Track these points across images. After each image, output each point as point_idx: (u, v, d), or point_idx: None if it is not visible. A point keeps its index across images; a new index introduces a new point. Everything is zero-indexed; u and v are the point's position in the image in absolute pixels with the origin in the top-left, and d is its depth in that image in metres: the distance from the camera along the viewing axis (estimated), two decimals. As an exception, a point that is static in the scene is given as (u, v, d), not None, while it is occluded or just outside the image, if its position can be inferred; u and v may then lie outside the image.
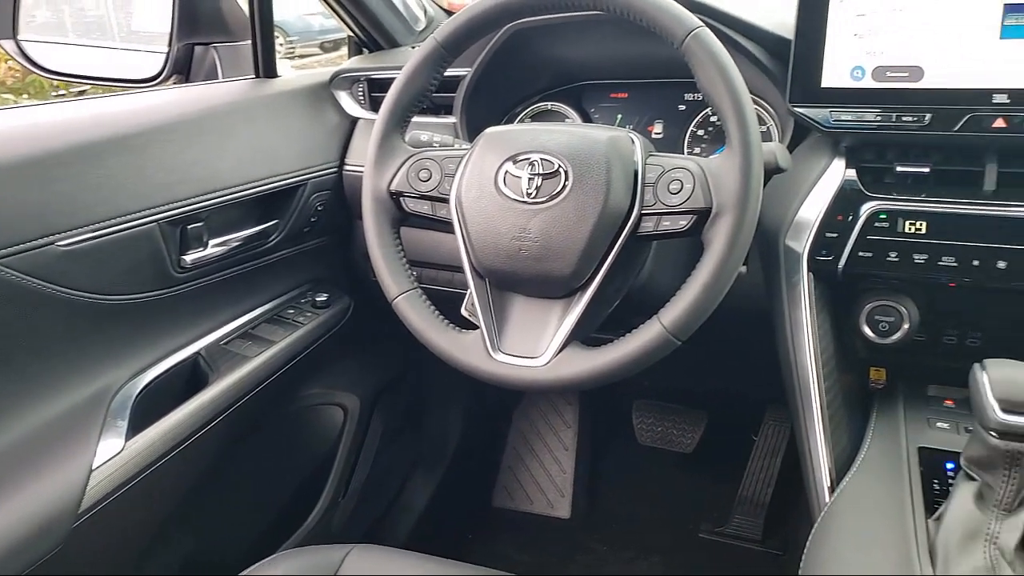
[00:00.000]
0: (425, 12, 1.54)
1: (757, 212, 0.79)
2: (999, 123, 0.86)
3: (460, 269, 0.91)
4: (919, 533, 0.74)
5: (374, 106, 1.36)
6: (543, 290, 0.87)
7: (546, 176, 0.84)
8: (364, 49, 1.51)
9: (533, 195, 0.84)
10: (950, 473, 0.82)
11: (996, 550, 0.69)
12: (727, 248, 0.78)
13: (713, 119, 1.21)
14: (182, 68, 1.40)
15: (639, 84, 1.29)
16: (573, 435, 1.88)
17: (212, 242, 1.14)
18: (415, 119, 0.98)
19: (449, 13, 1.55)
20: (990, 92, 0.87)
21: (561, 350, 0.84)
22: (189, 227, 1.09)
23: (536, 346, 0.85)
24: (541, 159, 0.85)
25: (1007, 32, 0.86)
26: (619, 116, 1.29)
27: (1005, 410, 0.69)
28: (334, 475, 1.44)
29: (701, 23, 0.81)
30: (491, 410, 1.90)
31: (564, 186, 0.83)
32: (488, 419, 1.91)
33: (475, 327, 0.89)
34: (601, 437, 1.94)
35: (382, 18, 1.42)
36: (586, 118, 1.31)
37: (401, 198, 0.94)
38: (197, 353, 1.14)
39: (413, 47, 1.47)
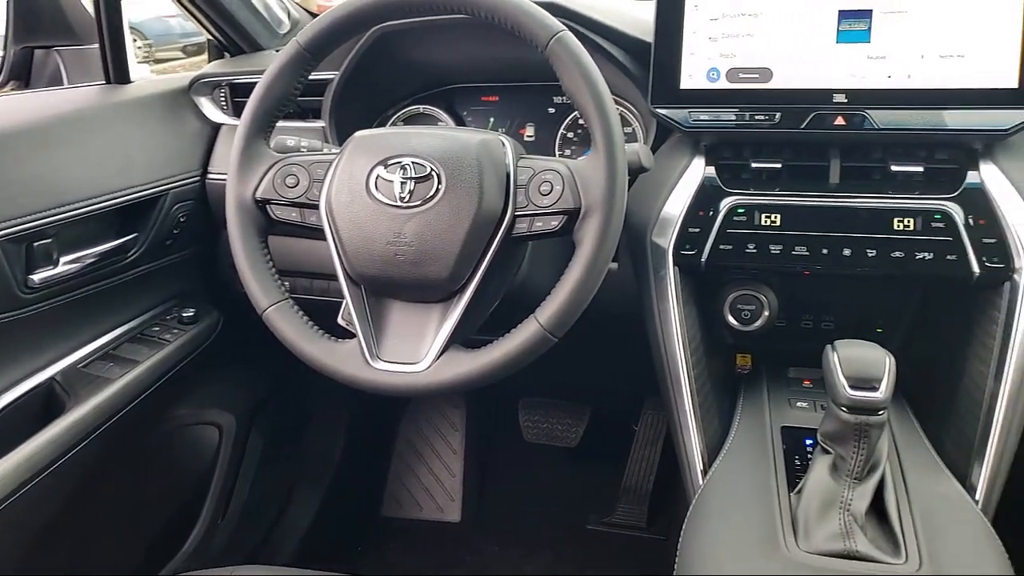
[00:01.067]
0: (289, 15, 1.50)
1: (623, 210, 0.81)
2: (840, 121, 0.93)
3: (335, 277, 0.89)
4: (783, 507, 0.78)
5: (237, 112, 1.31)
6: (421, 295, 0.87)
7: (419, 180, 0.84)
8: (225, 53, 1.45)
9: (406, 199, 0.83)
10: (809, 449, 0.87)
11: (850, 516, 0.74)
12: (596, 246, 0.80)
13: (581, 121, 1.24)
14: (20, 74, 1.30)
15: (510, 87, 1.31)
16: (461, 438, 1.88)
17: (64, 259, 1.07)
18: (282, 124, 0.95)
19: (314, 16, 1.52)
20: (831, 92, 0.93)
21: (441, 354, 0.84)
22: (36, 244, 1.02)
23: (416, 351, 0.85)
24: (413, 163, 0.84)
25: (842, 37, 0.93)
26: (491, 119, 1.30)
27: (853, 387, 0.75)
28: (211, 497, 1.38)
29: (564, 27, 0.83)
30: (376, 420, 1.88)
31: (437, 189, 0.83)
32: (373, 429, 1.88)
33: (353, 336, 0.88)
34: (489, 438, 1.95)
35: (242, 21, 1.37)
36: (459, 121, 1.31)
37: (268, 206, 0.91)
38: (52, 378, 1.06)
39: (277, 50, 1.43)
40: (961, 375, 0.93)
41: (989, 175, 0.91)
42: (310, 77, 0.94)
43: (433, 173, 0.83)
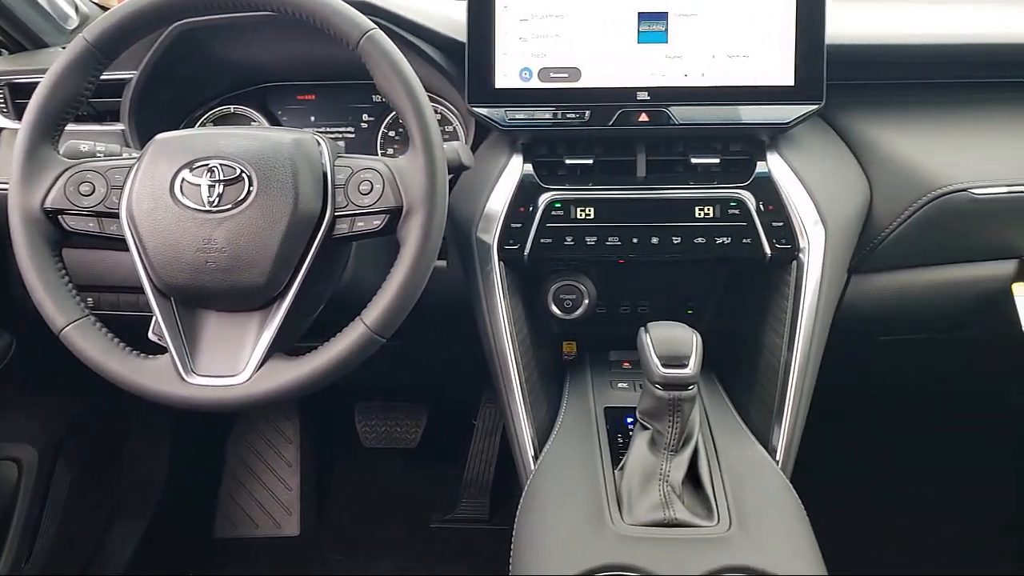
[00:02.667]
0: (77, 9, 1.37)
1: (445, 208, 0.82)
2: (644, 117, 0.99)
3: (142, 290, 0.83)
4: (608, 484, 0.83)
5: (19, 114, 1.19)
6: (237, 303, 0.83)
7: (228, 182, 0.80)
8: (3, 50, 1.31)
9: (215, 203, 0.79)
10: (630, 426, 0.92)
11: (668, 486, 0.79)
12: (420, 244, 0.80)
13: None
14: None
15: (328, 86, 1.28)
16: (296, 450, 1.82)
17: None
18: (74, 128, 0.88)
19: (105, 10, 1.40)
20: (635, 90, 0.99)
21: (262, 364, 0.81)
22: None
23: (234, 363, 0.81)
24: (221, 165, 0.80)
25: (643, 37, 0.99)
26: (312, 118, 1.27)
27: (665, 365, 0.80)
28: (12, 540, 1.25)
29: (374, 25, 0.82)
30: (201, 438, 1.77)
31: (249, 192, 0.80)
32: (199, 448, 1.77)
33: (165, 351, 0.82)
34: (326, 447, 1.90)
35: (21, 15, 1.24)
36: (274, 121, 1.27)
37: (60, 216, 0.83)
38: None
39: (63, 47, 1.31)
40: (760, 348, 1.02)
41: (775, 165, 1.01)
42: (103, 76, 0.87)
43: (243, 175, 0.80)
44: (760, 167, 1.00)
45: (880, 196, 1.08)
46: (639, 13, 0.98)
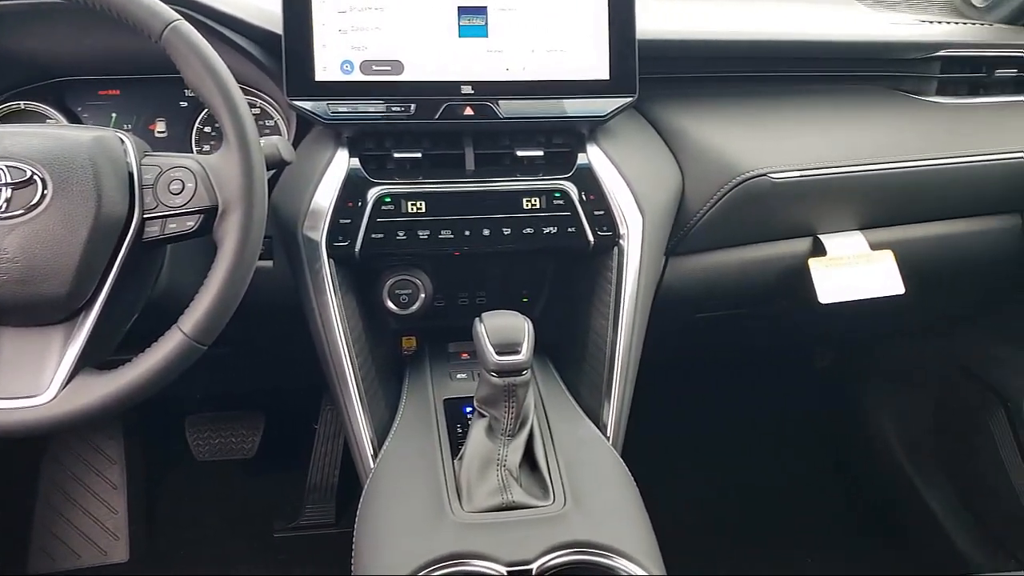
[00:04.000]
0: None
1: (265, 206, 0.79)
2: (469, 111, 1.00)
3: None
4: (447, 474, 0.83)
5: None
6: (36, 317, 0.76)
7: (17, 186, 0.73)
8: None
9: (3, 209, 0.72)
10: (469, 416, 0.93)
11: (506, 471, 0.81)
12: (239, 244, 0.77)
13: (218, 115, 1.17)
14: None
15: (134, 79, 1.19)
16: (121, 471, 1.69)
17: None
18: None
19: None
20: (458, 84, 1.00)
21: (69, 380, 0.74)
22: None
23: (36, 383, 0.74)
24: (8, 167, 0.73)
25: (464, 31, 1.00)
26: (113, 115, 1.18)
27: (499, 352, 0.82)
28: None
29: (179, 16, 0.77)
30: (6, 466, 1.61)
31: (43, 196, 0.73)
32: (5, 478, 1.61)
33: None
34: (155, 464, 1.78)
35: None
36: (74, 119, 1.16)
37: None
38: None
39: None
40: (588, 330, 1.06)
41: (594, 156, 1.05)
42: None
43: (36, 178, 0.73)
44: (581, 159, 1.04)
45: (691, 183, 1.15)
46: (459, 7, 0.99)
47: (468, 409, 0.95)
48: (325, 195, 0.98)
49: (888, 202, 1.25)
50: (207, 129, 1.17)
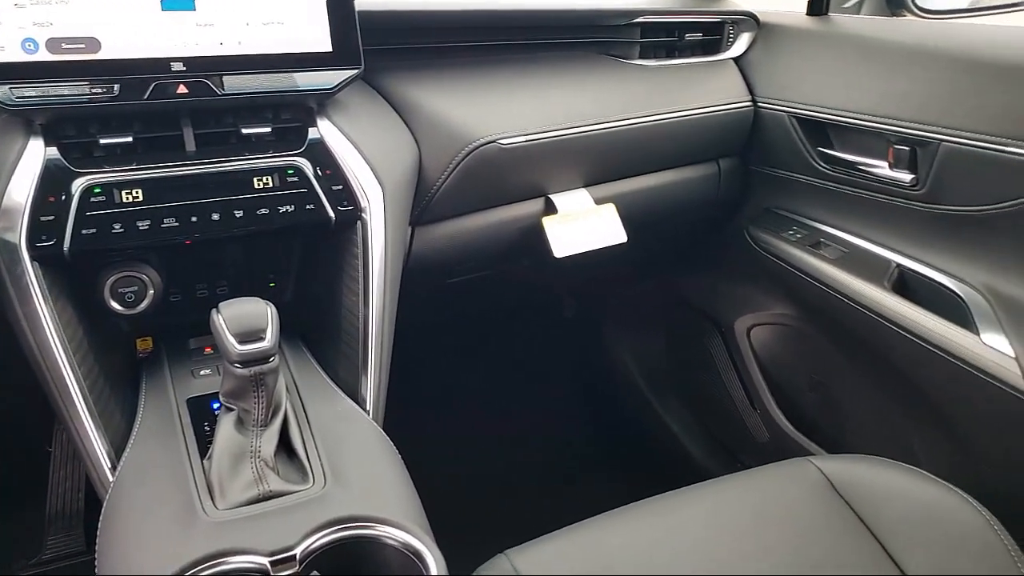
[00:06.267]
0: None
1: None
2: (183, 89, 0.93)
3: None
4: (197, 475, 0.79)
5: None
6: None
7: None
8: None
9: None
10: (217, 412, 0.89)
11: (261, 461, 0.79)
12: None
13: None
14: None
15: None
16: None
17: None
18: None
19: None
20: (168, 61, 0.92)
21: None
22: None
23: None
24: None
25: (167, 4, 0.92)
26: None
27: (242, 342, 0.79)
28: None
29: None
30: None
31: None
32: None
33: None
34: None
35: None
36: None
37: None
38: None
39: None
40: (340, 308, 1.05)
41: (326, 130, 1.03)
42: None
43: None
44: (312, 133, 1.02)
45: (427, 153, 1.18)
46: (158, -23, 0.92)
47: (216, 405, 0.91)
48: (19, 191, 0.87)
49: (605, 159, 1.37)
50: None
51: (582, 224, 1.32)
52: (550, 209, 1.34)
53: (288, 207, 0.99)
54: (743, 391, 1.74)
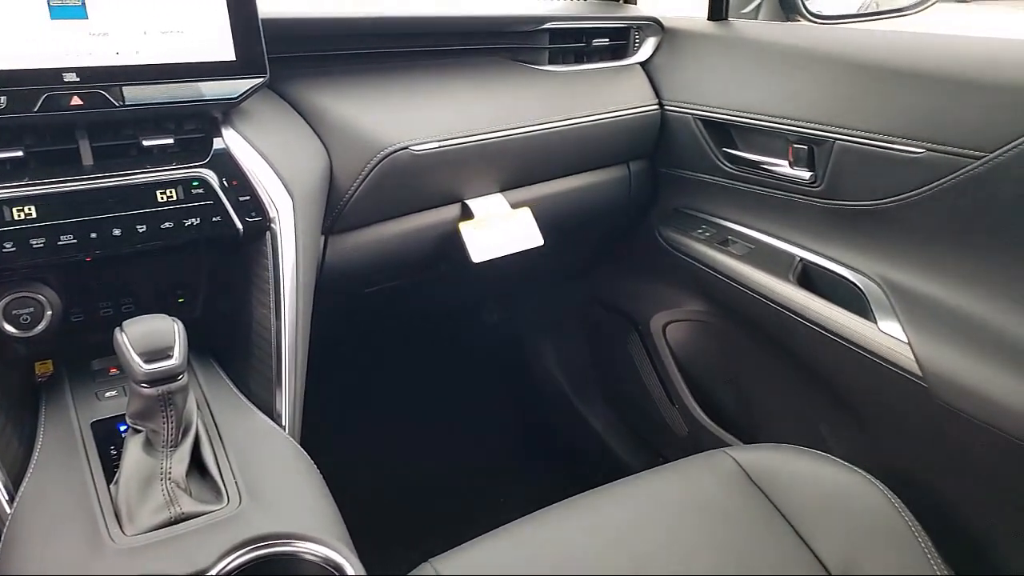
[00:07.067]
0: None
1: None
2: (77, 101, 0.90)
3: None
4: (103, 501, 0.76)
5: None
6: None
7: None
8: None
9: None
10: (124, 434, 0.86)
11: (172, 483, 0.76)
12: None
13: None
14: None
15: None
16: None
17: None
18: None
19: None
20: (59, 71, 0.89)
21: None
22: None
23: None
24: None
25: (56, 13, 0.89)
26: None
27: (148, 360, 0.76)
28: None
29: None
30: None
31: None
32: None
33: None
34: None
35: None
36: None
37: None
38: None
39: None
40: (252, 321, 1.03)
41: (232, 140, 1.01)
42: None
43: None
44: (217, 143, 0.99)
45: (338, 161, 1.17)
46: (47, -15, 0.88)
47: (124, 427, 0.87)
48: None
49: (519, 164, 1.38)
50: None
51: (499, 229, 1.33)
52: (467, 214, 1.34)
53: (194, 220, 0.96)
54: (661, 387, 1.78)
